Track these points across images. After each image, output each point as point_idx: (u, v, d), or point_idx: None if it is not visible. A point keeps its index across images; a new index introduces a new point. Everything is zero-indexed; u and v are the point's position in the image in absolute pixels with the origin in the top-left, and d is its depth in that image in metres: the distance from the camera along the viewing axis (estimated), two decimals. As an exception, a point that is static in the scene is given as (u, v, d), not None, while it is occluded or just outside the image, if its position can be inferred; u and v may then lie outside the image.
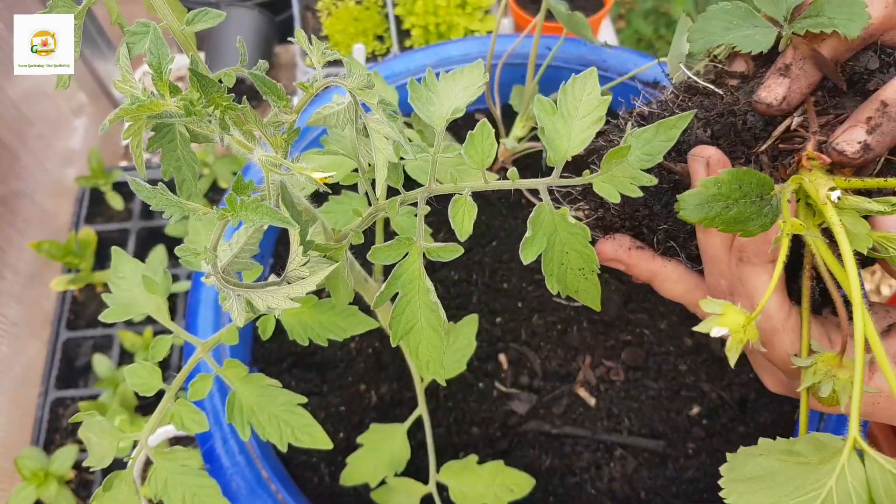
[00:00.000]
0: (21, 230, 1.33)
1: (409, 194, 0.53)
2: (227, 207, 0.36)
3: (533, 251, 0.51)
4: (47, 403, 1.28)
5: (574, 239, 0.52)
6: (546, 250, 0.52)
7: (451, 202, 0.52)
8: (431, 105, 0.53)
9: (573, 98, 0.52)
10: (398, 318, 0.50)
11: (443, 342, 0.50)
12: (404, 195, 0.53)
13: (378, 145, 0.43)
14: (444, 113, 0.52)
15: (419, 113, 0.52)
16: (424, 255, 0.51)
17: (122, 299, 0.64)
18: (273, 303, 0.41)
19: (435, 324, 0.50)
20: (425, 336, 0.50)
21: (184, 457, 0.57)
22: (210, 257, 0.38)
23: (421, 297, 0.50)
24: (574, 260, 0.53)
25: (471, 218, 0.51)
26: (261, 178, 0.70)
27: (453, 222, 0.51)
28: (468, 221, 0.51)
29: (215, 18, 0.42)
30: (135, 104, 0.35)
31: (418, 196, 0.52)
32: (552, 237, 0.52)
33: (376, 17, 1.68)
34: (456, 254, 0.51)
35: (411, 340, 0.51)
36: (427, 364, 0.50)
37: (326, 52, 0.42)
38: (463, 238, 0.51)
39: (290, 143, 0.40)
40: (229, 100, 0.36)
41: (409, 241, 0.51)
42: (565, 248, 0.53)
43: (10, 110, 1.29)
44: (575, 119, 0.51)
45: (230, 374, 0.58)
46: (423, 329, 0.50)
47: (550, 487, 0.84)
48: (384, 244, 0.50)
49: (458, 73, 0.55)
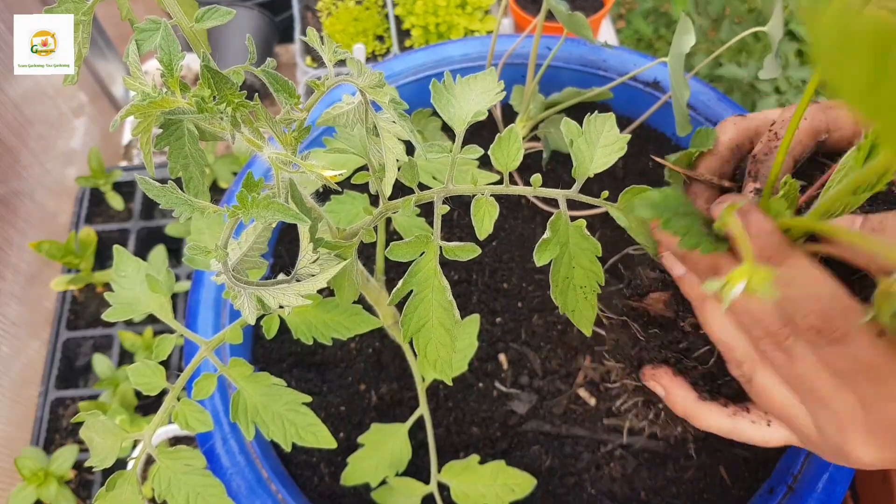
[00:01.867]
0: (21, 230, 1.33)
1: (424, 193, 0.53)
2: (237, 204, 0.36)
3: (547, 254, 0.52)
4: (47, 403, 1.27)
5: (583, 254, 0.53)
6: (555, 259, 0.52)
7: (473, 202, 0.52)
8: (452, 107, 0.53)
9: (595, 130, 0.54)
10: (410, 315, 0.50)
11: (453, 341, 0.50)
12: (419, 194, 0.53)
13: (388, 144, 0.43)
14: (465, 115, 0.53)
15: (441, 114, 0.53)
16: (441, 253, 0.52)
17: (125, 298, 0.64)
18: (284, 300, 0.41)
19: (447, 322, 0.50)
20: (436, 334, 0.50)
21: (188, 456, 0.57)
22: (221, 255, 0.38)
23: (435, 296, 0.50)
24: (578, 276, 0.53)
25: (491, 218, 0.51)
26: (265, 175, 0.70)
27: (475, 220, 0.51)
28: (489, 221, 0.51)
29: (225, 16, 0.42)
30: (146, 101, 0.35)
31: (434, 195, 0.53)
32: (563, 247, 0.52)
33: (376, 17, 1.68)
34: (473, 254, 0.51)
35: (421, 338, 0.51)
36: (435, 363, 0.50)
37: (338, 50, 0.42)
38: (482, 237, 0.52)
39: (300, 140, 0.40)
40: (241, 96, 0.36)
41: (427, 239, 0.51)
42: (573, 261, 0.53)
43: (10, 110, 1.29)
44: (597, 146, 0.53)
45: (235, 372, 0.58)
46: (434, 327, 0.50)
47: (550, 487, 0.84)
48: (402, 242, 0.50)
49: (473, 78, 0.55)
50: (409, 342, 0.51)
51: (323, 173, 0.37)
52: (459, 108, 0.53)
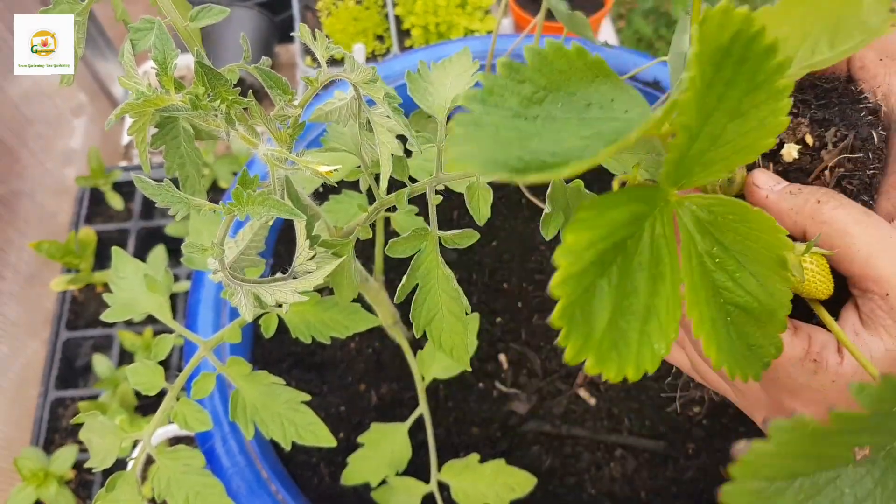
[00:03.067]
0: (21, 230, 1.33)
1: (416, 185, 0.53)
2: (233, 202, 0.36)
3: (553, 227, 0.51)
4: (47, 403, 1.27)
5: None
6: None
7: (466, 189, 0.52)
8: (430, 95, 0.53)
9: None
10: (419, 309, 0.50)
11: (465, 328, 0.50)
12: (411, 186, 0.53)
13: (382, 139, 0.43)
14: (444, 102, 0.52)
15: (420, 104, 0.52)
16: (440, 244, 0.52)
17: (124, 299, 0.64)
18: (281, 297, 0.41)
19: (456, 311, 0.50)
20: (447, 324, 0.50)
21: (187, 456, 0.57)
22: (218, 253, 0.38)
23: (441, 285, 0.50)
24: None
25: (487, 202, 0.51)
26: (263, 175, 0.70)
27: (471, 208, 0.51)
28: (485, 206, 0.51)
29: (219, 15, 0.42)
30: (140, 99, 0.35)
31: (426, 186, 0.52)
32: (567, 213, 0.51)
33: (376, 17, 1.68)
34: (472, 239, 0.51)
35: (433, 329, 0.51)
36: (451, 350, 0.51)
37: (330, 46, 0.42)
38: (482, 222, 0.51)
39: (295, 137, 0.40)
40: (235, 94, 0.36)
41: (425, 232, 0.51)
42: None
43: (10, 110, 1.29)
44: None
45: (233, 371, 0.58)
46: (444, 317, 0.50)
47: (551, 487, 0.84)
48: (400, 238, 0.50)
49: (447, 61, 0.55)
50: (420, 334, 0.51)
51: (318, 169, 0.37)
52: (437, 95, 0.52)
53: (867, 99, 0.49)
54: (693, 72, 0.30)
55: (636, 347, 0.35)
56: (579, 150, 0.31)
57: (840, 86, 0.50)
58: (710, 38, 0.30)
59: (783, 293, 0.38)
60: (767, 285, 0.38)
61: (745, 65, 0.31)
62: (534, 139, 0.31)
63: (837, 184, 0.49)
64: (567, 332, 0.32)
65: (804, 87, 0.51)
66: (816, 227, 0.43)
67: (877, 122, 0.48)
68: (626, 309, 0.34)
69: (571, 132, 0.33)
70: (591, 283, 0.33)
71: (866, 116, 0.48)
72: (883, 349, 0.42)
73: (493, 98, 0.33)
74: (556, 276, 0.31)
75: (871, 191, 0.48)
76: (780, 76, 0.32)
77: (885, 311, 0.42)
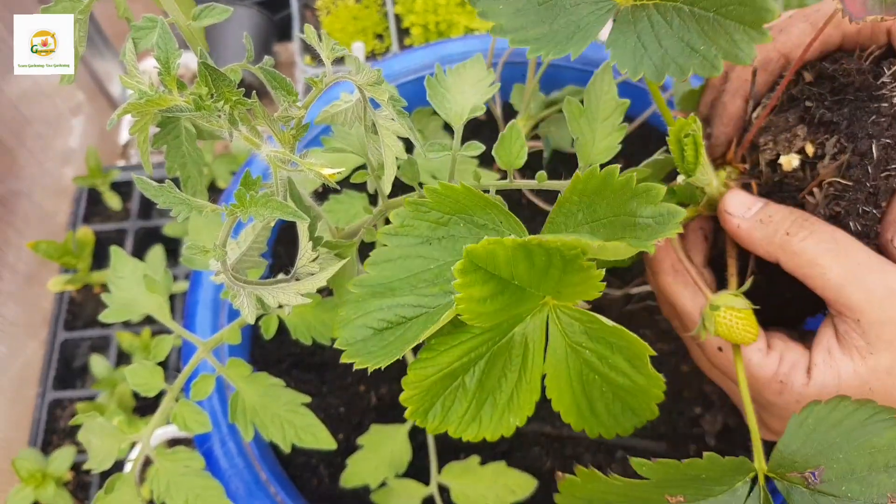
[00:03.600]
0: (19, 230, 1.33)
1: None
2: (236, 203, 0.36)
3: None
4: (45, 404, 1.27)
5: None
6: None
7: None
8: (447, 103, 0.53)
9: (595, 91, 0.54)
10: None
11: None
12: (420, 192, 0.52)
13: (387, 142, 0.43)
14: (461, 111, 0.52)
15: (438, 110, 0.53)
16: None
17: (122, 299, 0.64)
18: (283, 299, 0.40)
19: None
20: None
21: (186, 458, 0.56)
22: (220, 254, 0.38)
23: None
24: None
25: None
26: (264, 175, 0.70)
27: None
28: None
29: (222, 14, 0.41)
30: (143, 99, 0.34)
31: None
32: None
33: (376, 16, 1.67)
34: None
35: None
36: None
37: (336, 47, 0.41)
38: None
39: (299, 138, 0.40)
40: (239, 94, 0.36)
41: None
42: None
43: (8, 110, 1.29)
44: (598, 121, 0.53)
45: (233, 373, 0.58)
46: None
47: (551, 489, 0.84)
48: None
49: (462, 67, 0.55)
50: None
51: (321, 171, 0.37)
52: (455, 103, 0.53)
53: (885, 96, 0.48)
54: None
55: (497, 420, 0.48)
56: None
57: (858, 80, 0.49)
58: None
59: (655, 376, 0.44)
60: (639, 368, 0.44)
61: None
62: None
63: (827, 205, 0.49)
64: (421, 421, 0.48)
65: (823, 77, 0.51)
66: (787, 257, 0.47)
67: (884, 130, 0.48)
68: (491, 391, 0.47)
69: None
70: (446, 386, 0.47)
71: (877, 119, 0.48)
72: (852, 370, 0.46)
73: (404, 229, 0.44)
74: (402, 395, 0.47)
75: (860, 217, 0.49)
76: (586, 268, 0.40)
77: (857, 334, 0.46)
